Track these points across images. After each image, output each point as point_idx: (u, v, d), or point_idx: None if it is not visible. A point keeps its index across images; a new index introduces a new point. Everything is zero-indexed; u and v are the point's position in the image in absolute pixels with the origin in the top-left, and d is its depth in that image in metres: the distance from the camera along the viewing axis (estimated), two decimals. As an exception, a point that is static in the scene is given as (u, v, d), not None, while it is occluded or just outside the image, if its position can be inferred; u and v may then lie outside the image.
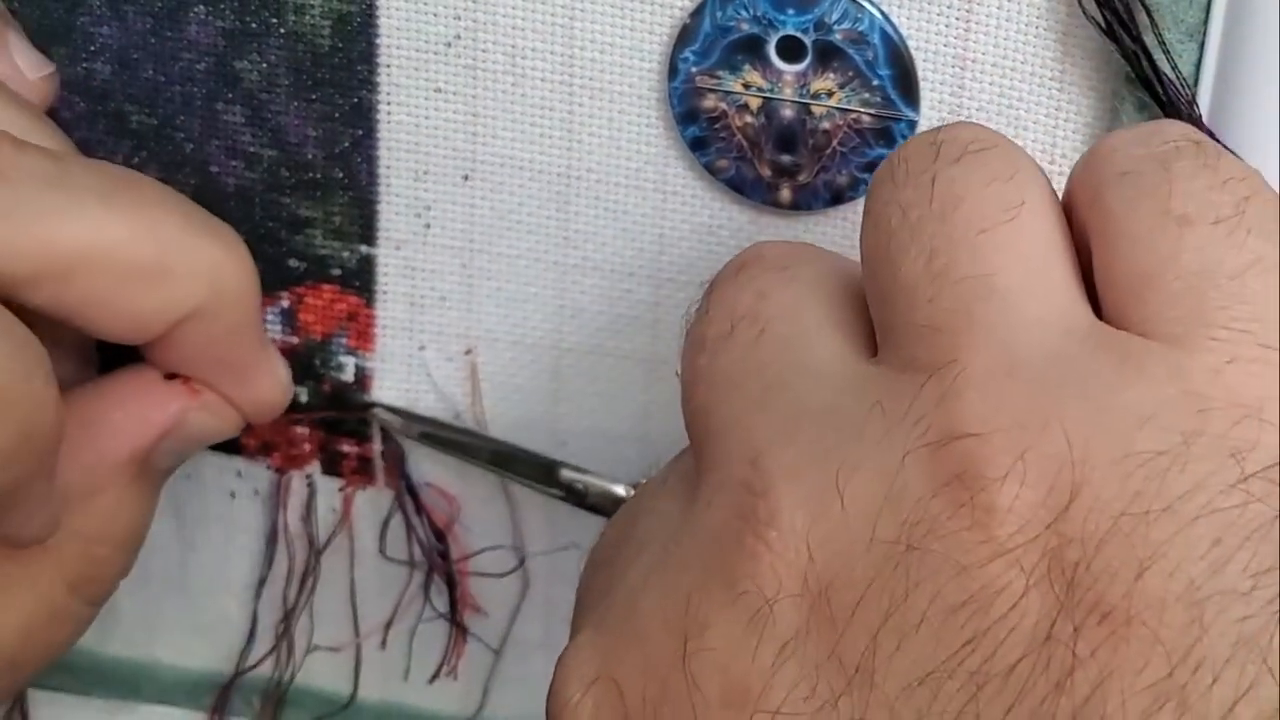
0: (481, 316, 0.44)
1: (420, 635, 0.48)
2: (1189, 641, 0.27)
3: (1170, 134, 0.32)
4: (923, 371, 0.30)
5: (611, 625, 0.32)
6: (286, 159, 0.43)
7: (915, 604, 0.28)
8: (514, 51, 0.41)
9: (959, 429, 0.29)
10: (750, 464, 0.31)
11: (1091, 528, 0.28)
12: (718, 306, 0.34)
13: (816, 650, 0.29)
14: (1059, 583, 0.27)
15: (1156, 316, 0.30)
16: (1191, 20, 0.37)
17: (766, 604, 0.29)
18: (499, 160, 0.42)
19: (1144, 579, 0.27)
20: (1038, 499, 0.28)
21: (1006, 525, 0.28)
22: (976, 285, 0.31)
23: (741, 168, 0.41)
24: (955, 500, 0.28)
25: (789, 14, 0.39)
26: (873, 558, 0.29)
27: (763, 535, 0.30)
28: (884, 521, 0.29)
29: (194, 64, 0.42)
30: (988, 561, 0.28)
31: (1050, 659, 0.27)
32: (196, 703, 0.51)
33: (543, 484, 0.45)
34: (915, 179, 0.32)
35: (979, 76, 0.39)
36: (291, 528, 0.47)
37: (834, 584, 0.29)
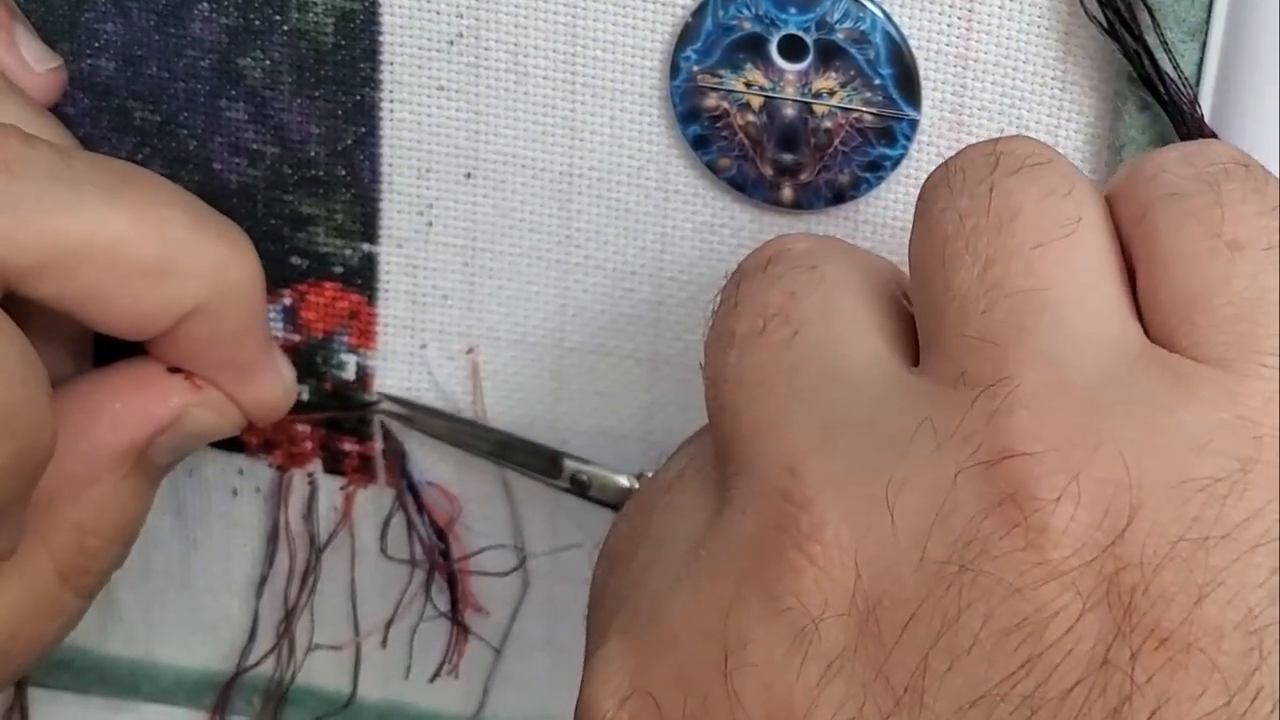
0: (483, 315, 0.44)
1: (421, 634, 0.48)
2: (1247, 670, 0.27)
3: (1218, 155, 0.32)
4: (973, 386, 0.30)
5: (640, 634, 0.31)
6: (289, 156, 0.43)
7: (967, 625, 0.28)
8: (516, 50, 0.41)
9: (1011, 447, 0.28)
10: (789, 472, 0.30)
11: (1149, 552, 0.27)
12: (747, 302, 0.34)
13: (864, 670, 0.28)
14: (1116, 607, 0.27)
15: (1206, 340, 0.30)
16: (1193, 19, 0.37)
17: (812, 621, 0.29)
18: (501, 158, 0.42)
19: (1202, 606, 0.27)
20: (1093, 521, 0.28)
21: (1061, 548, 0.28)
22: (1030, 299, 0.30)
23: (743, 166, 0.41)
24: (1008, 520, 0.28)
25: (791, 13, 0.39)
26: (923, 576, 0.28)
27: (805, 549, 0.29)
28: (934, 540, 0.28)
29: (197, 61, 0.42)
30: (1042, 584, 0.27)
31: (1107, 685, 0.27)
32: (197, 702, 0.51)
33: (546, 475, 0.45)
34: (973, 188, 0.32)
35: (981, 76, 0.39)
36: (293, 526, 0.47)
37: (882, 602, 0.29)
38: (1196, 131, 0.37)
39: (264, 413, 0.41)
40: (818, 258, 0.34)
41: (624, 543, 0.35)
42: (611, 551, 0.36)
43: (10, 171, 0.36)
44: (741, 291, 0.34)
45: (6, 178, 0.35)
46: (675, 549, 0.32)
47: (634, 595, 0.33)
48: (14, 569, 0.38)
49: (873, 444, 0.30)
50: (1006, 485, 0.28)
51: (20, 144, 0.36)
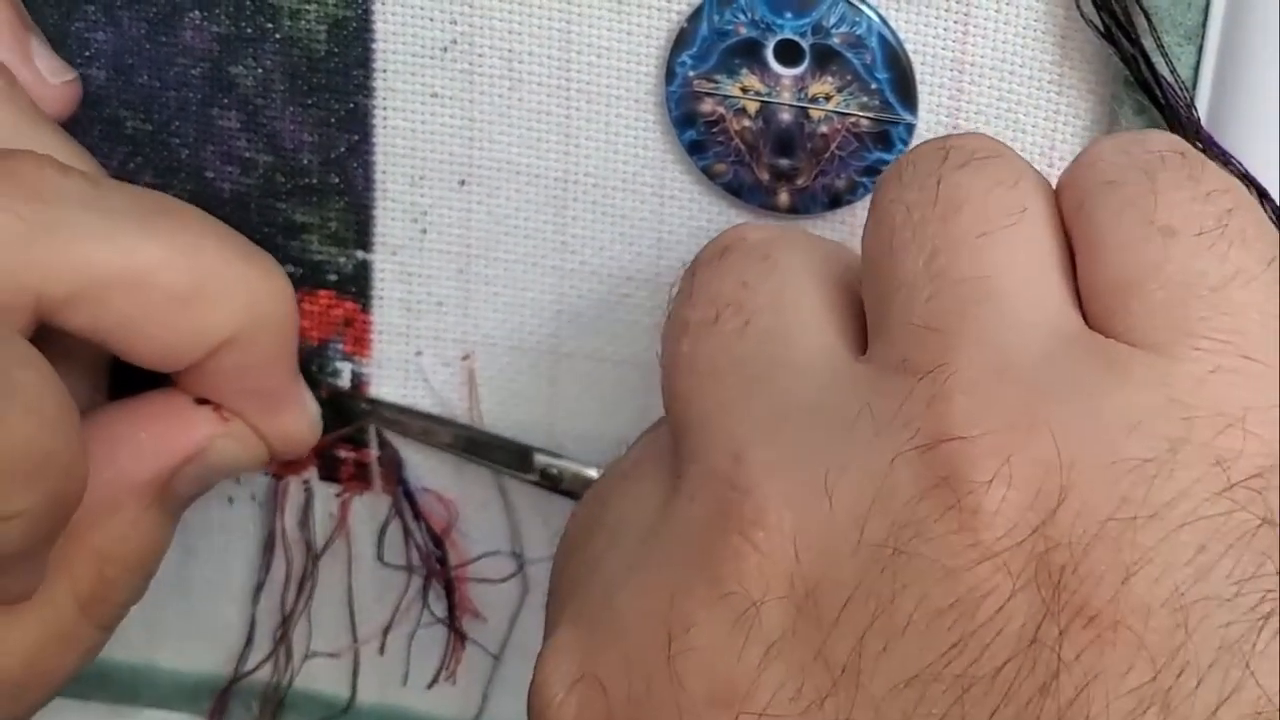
0: (479, 321, 0.44)
1: (419, 640, 0.48)
2: (1174, 646, 0.27)
3: (1155, 143, 0.33)
4: (914, 373, 0.30)
5: (591, 620, 0.32)
6: (282, 164, 0.43)
7: (902, 606, 0.28)
8: (510, 56, 0.41)
9: (947, 431, 0.29)
10: (733, 459, 0.31)
11: (1078, 532, 0.28)
12: (701, 291, 0.34)
13: (803, 651, 0.29)
14: (1045, 586, 0.28)
15: (1141, 325, 0.30)
16: (1190, 23, 0.37)
17: (753, 605, 0.29)
18: (496, 165, 0.42)
19: (1130, 584, 0.27)
20: (1025, 502, 0.28)
21: (993, 528, 0.28)
22: (974, 287, 0.31)
23: (739, 171, 0.41)
24: (942, 503, 0.29)
25: (786, 17, 0.39)
26: (860, 560, 0.29)
27: (749, 535, 0.30)
28: (872, 523, 0.29)
29: (189, 69, 0.42)
30: (974, 564, 0.28)
31: (1036, 662, 0.27)
32: (196, 707, 0.50)
33: (517, 470, 0.45)
34: (921, 181, 0.32)
35: (977, 80, 0.39)
36: (289, 533, 0.47)
37: (821, 585, 0.29)
38: (1193, 135, 0.37)
39: (289, 446, 0.41)
40: (772, 247, 0.35)
41: (581, 530, 0.36)
42: (569, 538, 0.36)
43: (44, 200, 0.35)
44: (696, 281, 0.35)
45: (41, 206, 0.35)
46: (628, 536, 0.33)
47: (587, 582, 0.33)
48: (35, 599, 0.38)
49: (816, 431, 0.31)
50: (942, 469, 0.29)
51: (56, 173, 0.36)
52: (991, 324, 0.30)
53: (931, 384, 0.30)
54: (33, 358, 0.33)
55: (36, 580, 0.37)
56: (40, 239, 0.35)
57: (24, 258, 0.35)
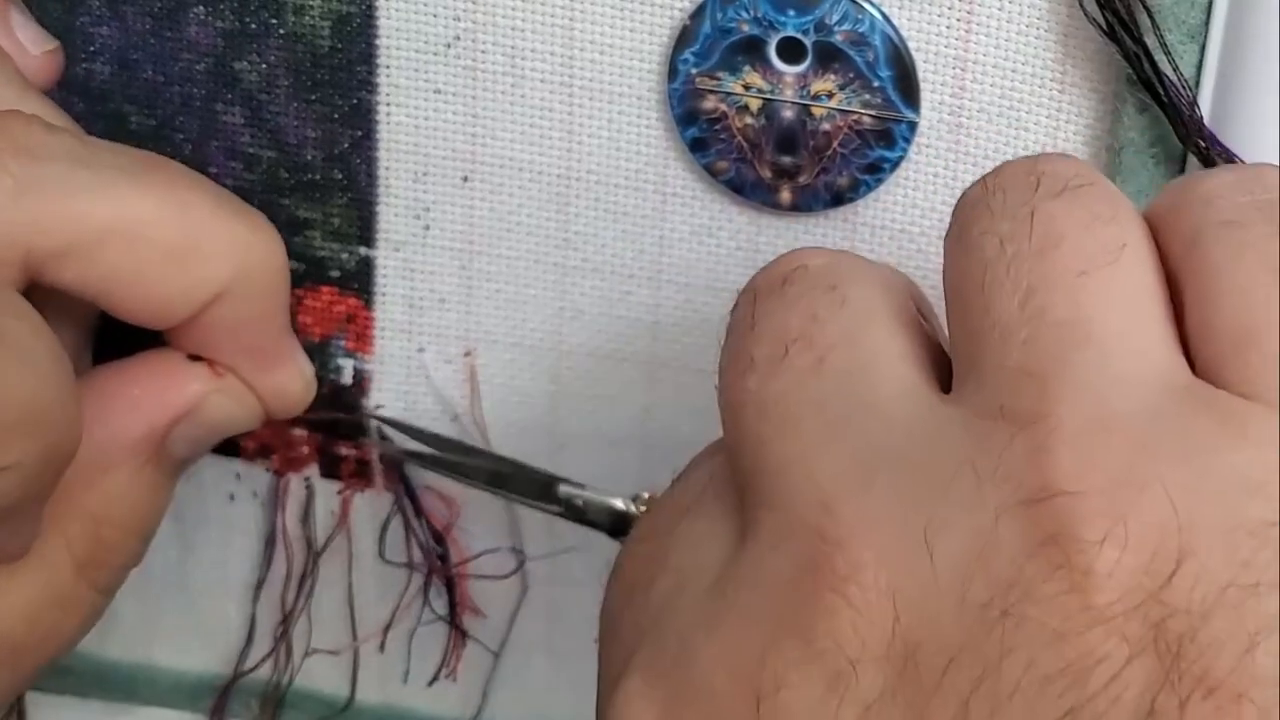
0: (481, 318, 0.44)
1: (419, 638, 0.48)
2: None
3: (1274, 182, 0.31)
4: (1014, 422, 0.29)
5: (666, 672, 0.30)
6: (285, 160, 0.43)
7: (1009, 671, 0.27)
8: (514, 53, 0.41)
9: (1054, 487, 0.28)
10: (822, 509, 0.29)
11: (1198, 598, 0.26)
12: (765, 323, 0.32)
13: (903, 715, 0.28)
14: (1163, 654, 0.26)
15: (1258, 378, 0.29)
16: (1193, 21, 0.37)
17: (849, 664, 0.28)
18: (498, 161, 0.42)
19: (1253, 654, 0.26)
20: (1140, 565, 0.27)
21: (1107, 592, 0.27)
22: (1073, 331, 0.29)
23: (741, 169, 0.41)
24: (1051, 562, 0.27)
25: (789, 15, 0.39)
26: (964, 620, 0.27)
27: (842, 590, 0.28)
28: (975, 582, 0.28)
29: (193, 65, 0.42)
30: (1086, 629, 0.27)
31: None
32: (195, 705, 0.50)
33: (540, 500, 0.44)
34: (1014, 211, 0.31)
35: (980, 78, 0.39)
36: (290, 530, 0.47)
37: (922, 646, 0.28)
38: (1196, 133, 0.37)
39: (283, 405, 0.41)
40: (837, 276, 0.33)
41: (641, 570, 0.34)
42: (627, 577, 0.34)
43: (34, 157, 0.35)
44: (759, 311, 0.33)
45: (30, 162, 0.35)
46: (698, 582, 0.31)
47: (656, 629, 0.32)
48: (31, 560, 0.37)
49: (910, 481, 0.29)
50: (1049, 526, 0.27)
51: (43, 131, 0.36)
52: (1093, 371, 0.29)
53: (1034, 436, 0.28)
54: (25, 309, 0.33)
55: (30, 538, 0.37)
56: (29, 194, 0.35)
57: (13, 213, 0.35)
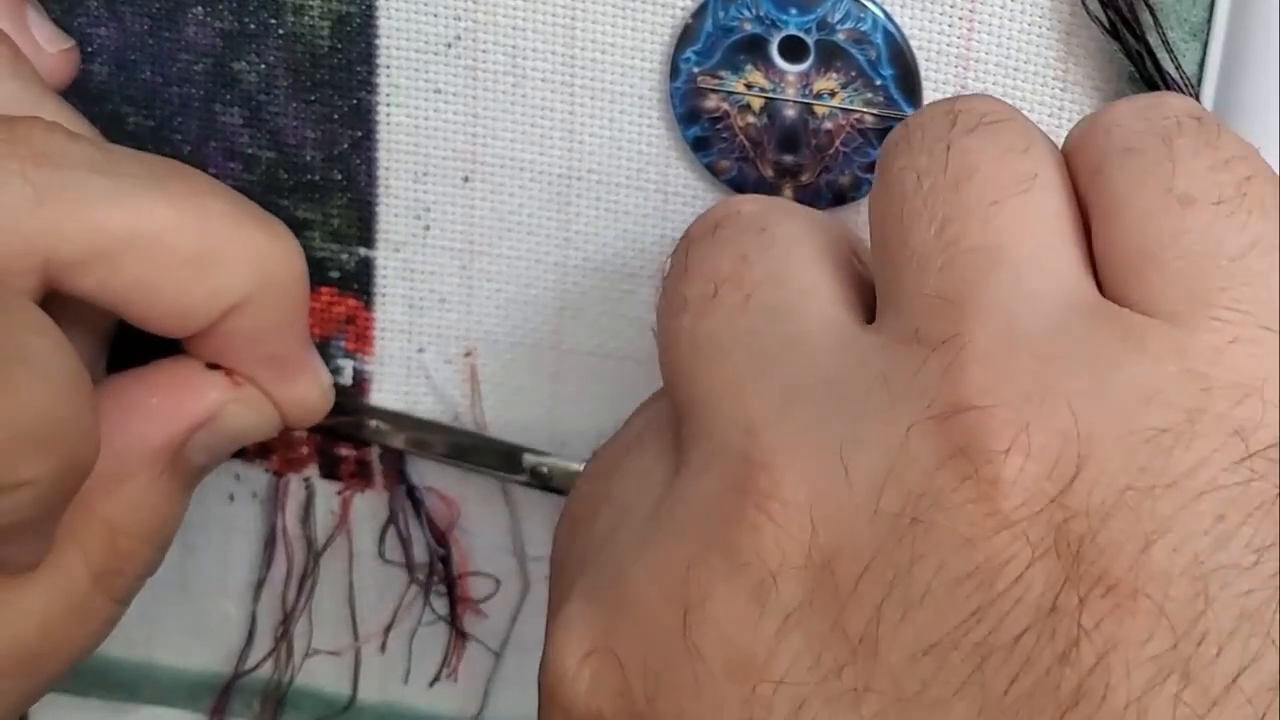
0: (481, 318, 0.44)
1: (420, 638, 0.48)
2: (1193, 615, 0.27)
3: (1172, 108, 0.32)
4: (928, 344, 0.30)
5: (603, 594, 0.32)
6: (285, 161, 0.43)
7: (920, 575, 0.28)
8: (514, 52, 0.41)
9: (963, 401, 0.29)
10: (746, 433, 0.31)
11: (1097, 501, 0.28)
12: (697, 265, 0.34)
13: (820, 621, 0.29)
14: (1064, 555, 0.28)
15: (1158, 295, 0.30)
16: (1195, 20, 0.37)
17: (770, 575, 0.29)
18: (499, 161, 0.42)
19: (1149, 553, 0.27)
20: (1043, 472, 0.28)
21: (1011, 498, 0.28)
22: (986, 256, 0.31)
23: (744, 168, 0.41)
24: (960, 473, 0.29)
25: (791, 14, 0.39)
26: (877, 530, 0.29)
27: (765, 507, 0.30)
28: (888, 494, 0.29)
29: (192, 65, 0.42)
30: (993, 534, 0.28)
31: (1055, 631, 0.27)
32: (196, 704, 0.50)
33: (505, 471, 0.45)
34: (930, 146, 0.32)
35: (982, 76, 0.39)
36: (290, 530, 0.47)
37: (838, 556, 0.29)
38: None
39: (301, 414, 0.41)
40: (767, 219, 0.34)
41: (584, 505, 0.35)
42: (572, 514, 0.36)
43: (53, 164, 0.35)
44: (691, 256, 0.34)
45: (51, 170, 0.35)
46: (636, 511, 0.33)
47: (597, 557, 0.33)
48: (47, 569, 0.37)
49: (829, 404, 0.31)
50: (958, 438, 0.29)
51: (64, 138, 0.36)
52: (1005, 293, 0.30)
53: (945, 354, 0.30)
54: (45, 324, 0.33)
55: (44, 550, 0.37)
56: (49, 202, 0.35)
57: (32, 221, 0.35)
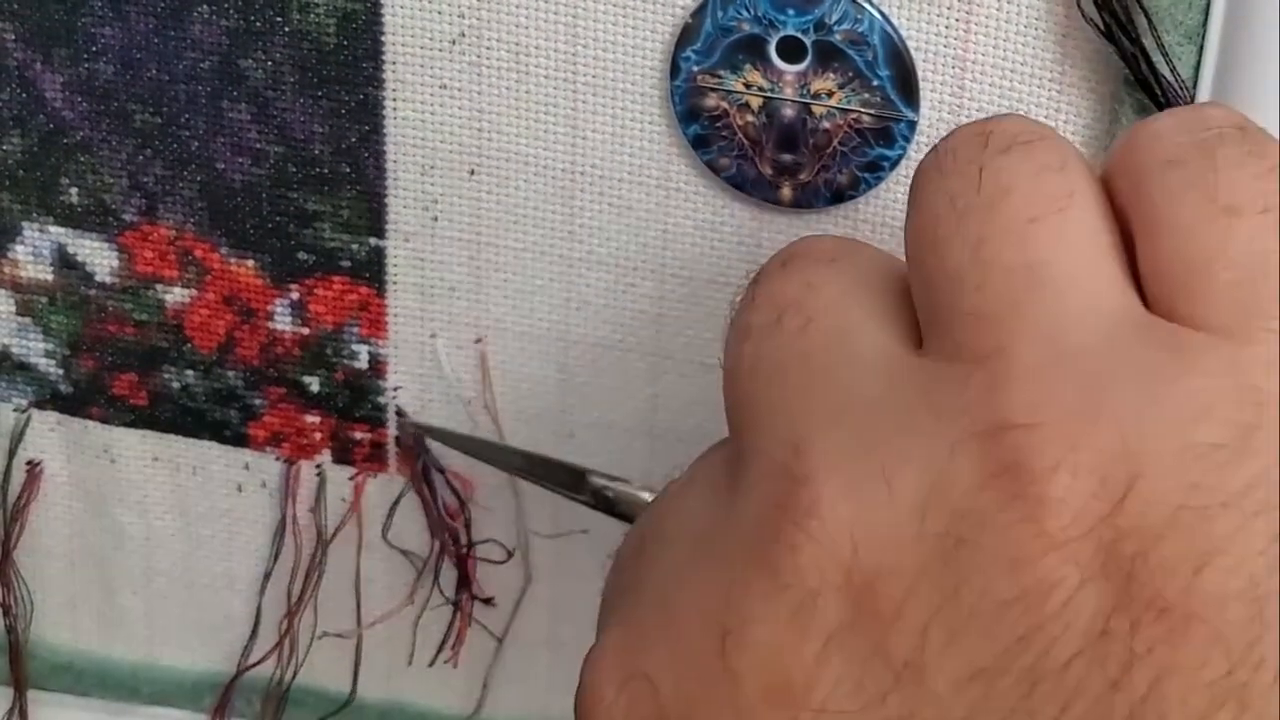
0: (490, 307, 0.45)
1: (426, 623, 0.48)
2: (1250, 639, 0.26)
3: (1214, 120, 0.31)
4: (970, 361, 0.29)
5: (642, 620, 0.31)
6: (293, 155, 0.43)
7: (965, 598, 0.28)
8: (518, 49, 0.41)
9: (1008, 420, 0.28)
10: (792, 450, 0.30)
11: (1149, 521, 0.27)
12: (763, 295, 0.33)
13: (863, 644, 0.28)
14: (1115, 577, 0.27)
15: (1207, 308, 0.29)
16: (1190, 23, 0.37)
17: (810, 596, 0.29)
18: (504, 155, 0.43)
19: (1203, 574, 0.27)
20: (1091, 491, 0.27)
21: (1059, 518, 0.27)
22: (1026, 273, 0.30)
23: (743, 166, 0.41)
24: (1006, 492, 0.28)
25: (789, 14, 0.39)
26: (921, 550, 0.28)
27: (804, 525, 0.29)
28: (932, 514, 0.28)
29: (198, 63, 0.42)
30: (1040, 555, 0.27)
31: (1107, 656, 0.27)
32: (197, 704, 0.51)
33: (571, 491, 0.45)
34: (963, 168, 0.31)
35: (979, 77, 0.39)
36: (300, 519, 0.48)
37: (880, 576, 0.28)
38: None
39: None
40: (838, 253, 0.34)
41: (632, 546, 0.35)
42: (620, 556, 0.35)
43: None
44: (759, 288, 0.34)
45: None
46: (683, 540, 0.32)
47: (638, 587, 0.33)
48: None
49: (874, 422, 0.30)
50: (1004, 457, 0.28)
51: None
52: (1047, 310, 0.30)
53: (989, 371, 0.29)
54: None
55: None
56: None
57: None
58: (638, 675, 0.30)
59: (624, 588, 0.34)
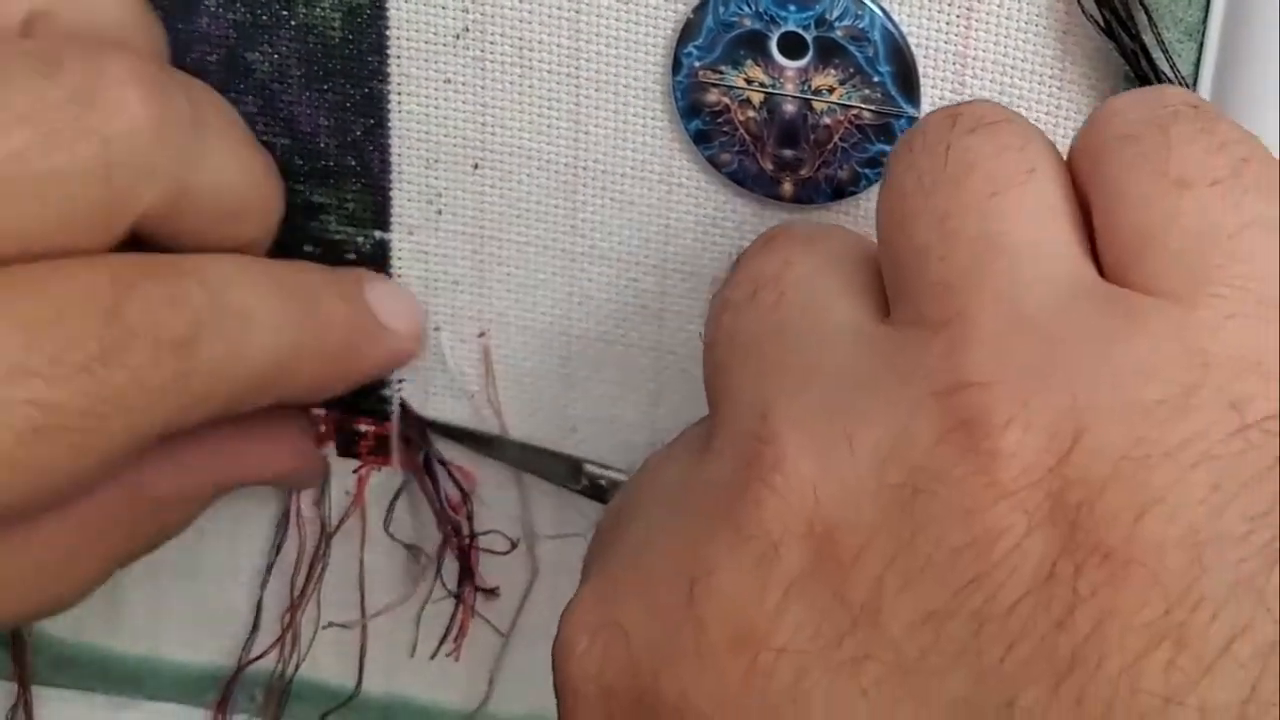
0: (493, 301, 0.45)
1: (429, 624, 0.49)
2: (1187, 582, 0.27)
3: (1170, 99, 0.33)
4: (931, 327, 0.31)
5: (617, 574, 0.33)
6: (299, 147, 0.43)
7: (920, 546, 0.29)
8: (522, 44, 0.42)
9: (965, 379, 0.30)
10: (760, 416, 0.32)
11: (1093, 471, 0.28)
12: (743, 271, 0.35)
13: (822, 590, 0.30)
14: (1061, 524, 0.28)
15: (1157, 275, 0.31)
16: (1190, 20, 0.37)
17: (772, 546, 0.30)
18: (508, 150, 0.43)
19: (1144, 521, 0.28)
20: (1041, 444, 0.29)
21: (1010, 469, 0.29)
22: (986, 243, 0.32)
23: (744, 161, 0.41)
24: (961, 446, 0.29)
25: (791, 10, 0.39)
26: (879, 502, 0.30)
27: (768, 480, 0.31)
28: (891, 467, 0.30)
29: (205, 56, 0.42)
30: (991, 504, 0.29)
31: (1051, 598, 0.28)
32: (200, 698, 0.51)
33: (568, 482, 0.45)
34: (931, 148, 0.33)
35: (979, 74, 0.40)
36: (304, 512, 0.48)
37: (840, 526, 0.30)
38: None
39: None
40: (816, 233, 0.35)
41: (612, 512, 0.36)
42: (601, 523, 0.37)
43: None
44: (739, 266, 0.36)
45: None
46: (659, 501, 0.34)
47: (614, 545, 0.34)
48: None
49: (840, 386, 0.32)
50: (960, 413, 0.29)
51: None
52: (1006, 277, 0.31)
53: (948, 335, 0.31)
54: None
55: None
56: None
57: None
58: (610, 624, 0.32)
59: (602, 548, 0.35)
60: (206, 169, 0.39)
